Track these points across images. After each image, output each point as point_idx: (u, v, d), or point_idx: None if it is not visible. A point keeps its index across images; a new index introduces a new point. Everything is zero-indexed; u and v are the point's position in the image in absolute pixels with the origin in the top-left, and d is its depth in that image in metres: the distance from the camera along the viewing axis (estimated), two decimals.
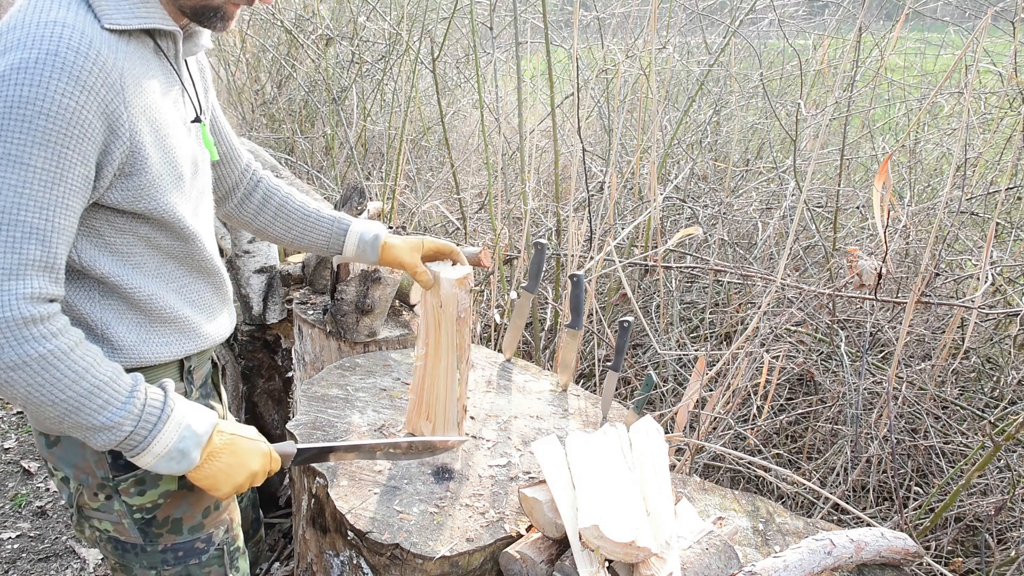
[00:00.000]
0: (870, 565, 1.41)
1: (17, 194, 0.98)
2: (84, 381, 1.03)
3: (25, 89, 0.96)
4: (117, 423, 1.06)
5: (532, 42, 4.16)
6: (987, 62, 3.13)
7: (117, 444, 1.08)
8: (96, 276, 1.14)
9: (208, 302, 1.31)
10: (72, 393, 1.02)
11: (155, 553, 1.29)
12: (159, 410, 1.10)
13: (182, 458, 1.12)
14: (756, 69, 3.63)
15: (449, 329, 1.53)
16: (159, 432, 1.09)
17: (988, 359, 2.62)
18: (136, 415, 1.07)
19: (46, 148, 0.98)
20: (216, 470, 1.16)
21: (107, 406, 1.05)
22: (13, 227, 0.98)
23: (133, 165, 1.09)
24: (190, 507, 1.29)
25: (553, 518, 1.32)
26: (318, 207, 1.53)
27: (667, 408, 2.50)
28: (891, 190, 2.71)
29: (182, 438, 1.12)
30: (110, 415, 1.05)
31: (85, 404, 1.03)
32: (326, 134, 4.22)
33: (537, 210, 3.69)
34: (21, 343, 0.99)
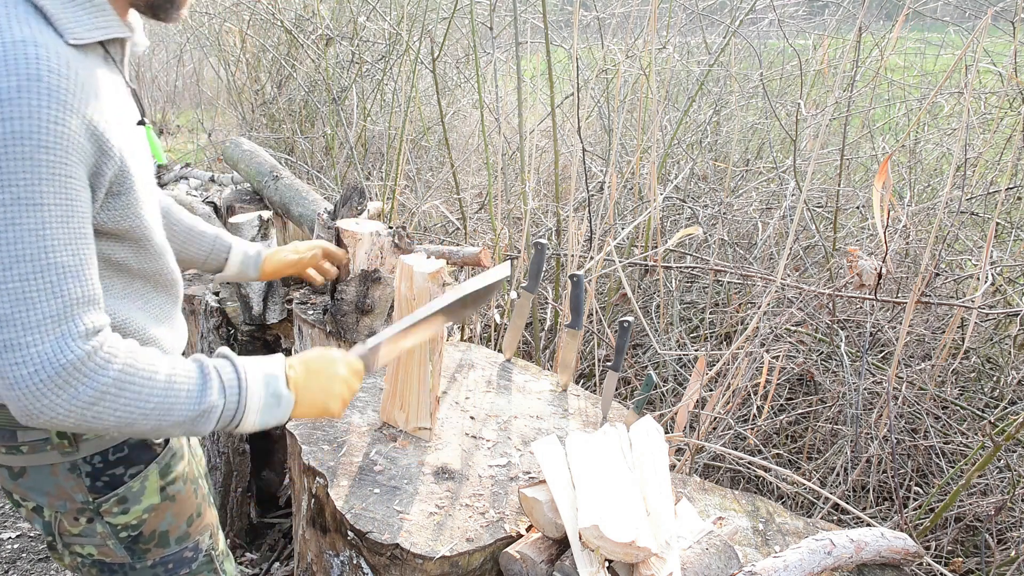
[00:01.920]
0: (870, 565, 1.41)
1: (39, 237, 0.93)
2: (158, 383, 1.01)
3: (16, 123, 0.90)
4: (211, 404, 1.05)
5: (532, 42, 4.16)
6: (987, 62, 3.13)
7: (219, 422, 1.07)
8: None
9: (170, 313, 1.29)
10: (155, 400, 1.01)
11: (144, 569, 1.27)
12: (235, 375, 1.08)
13: (278, 403, 1.12)
14: (756, 69, 3.63)
15: None
16: (248, 393, 1.08)
17: (988, 359, 2.62)
18: (220, 389, 1.06)
19: (53, 183, 0.93)
20: (313, 395, 1.16)
21: (192, 394, 1.03)
22: (47, 272, 0.94)
23: (122, 184, 1.06)
24: (174, 518, 1.27)
25: (553, 518, 1.32)
26: (197, 222, 1.52)
27: (667, 408, 2.50)
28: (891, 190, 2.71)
29: (267, 385, 1.11)
30: (199, 401, 1.04)
31: (171, 402, 1.02)
32: (326, 134, 4.22)
33: (537, 210, 3.69)
34: (92, 377, 0.95)
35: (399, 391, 1.64)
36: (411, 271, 1.53)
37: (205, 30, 5.24)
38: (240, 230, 2.40)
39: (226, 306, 2.61)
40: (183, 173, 4.13)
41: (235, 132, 5.47)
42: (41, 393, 0.93)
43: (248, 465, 2.62)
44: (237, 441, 2.60)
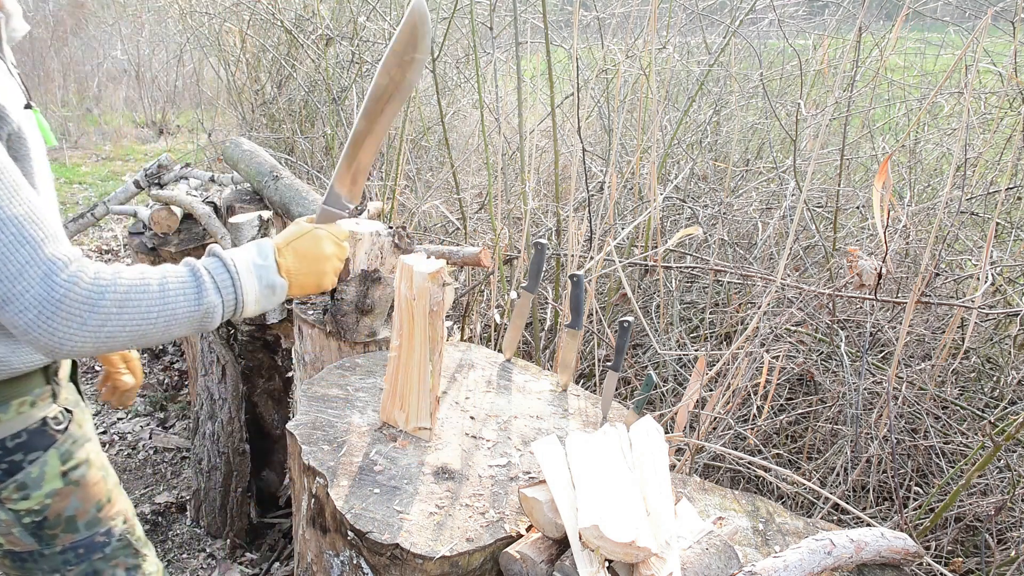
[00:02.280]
0: (870, 565, 1.41)
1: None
2: (153, 294, 1.06)
3: None
4: (210, 304, 1.11)
5: (532, 42, 4.16)
6: (987, 62, 3.13)
7: (223, 316, 1.14)
8: None
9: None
10: (157, 310, 1.06)
11: (54, 555, 1.27)
12: (226, 272, 1.14)
13: (273, 290, 1.19)
14: (756, 69, 3.63)
15: (422, 322, 1.55)
16: (241, 287, 1.15)
17: (988, 359, 2.62)
18: (215, 289, 1.12)
19: None
20: (305, 277, 1.23)
21: (189, 299, 1.09)
22: (7, 226, 0.99)
23: (18, 149, 1.10)
24: (80, 503, 1.28)
25: (553, 518, 1.32)
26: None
27: (667, 408, 2.50)
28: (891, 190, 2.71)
29: (260, 277, 1.18)
30: (198, 303, 1.10)
31: (171, 308, 1.08)
32: (326, 134, 4.22)
33: (537, 210, 3.69)
34: (92, 304, 1.01)
35: (399, 391, 1.64)
36: (411, 271, 1.53)
37: (205, 30, 5.24)
38: (240, 230, 2.40)
39: None
40: (183, 173, 4.12)
41: (235, 132, 5.47)
42: (53, 330, 0.99)
43: (248, 465, 2.62)
44: (237, 441, 2.60)
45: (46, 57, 9.06)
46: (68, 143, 8.47)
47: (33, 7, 9.45)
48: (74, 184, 7.27)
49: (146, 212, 3.91)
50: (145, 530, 2.74)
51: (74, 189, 7.12)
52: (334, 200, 1.33)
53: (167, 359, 4.04)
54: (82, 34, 9.80)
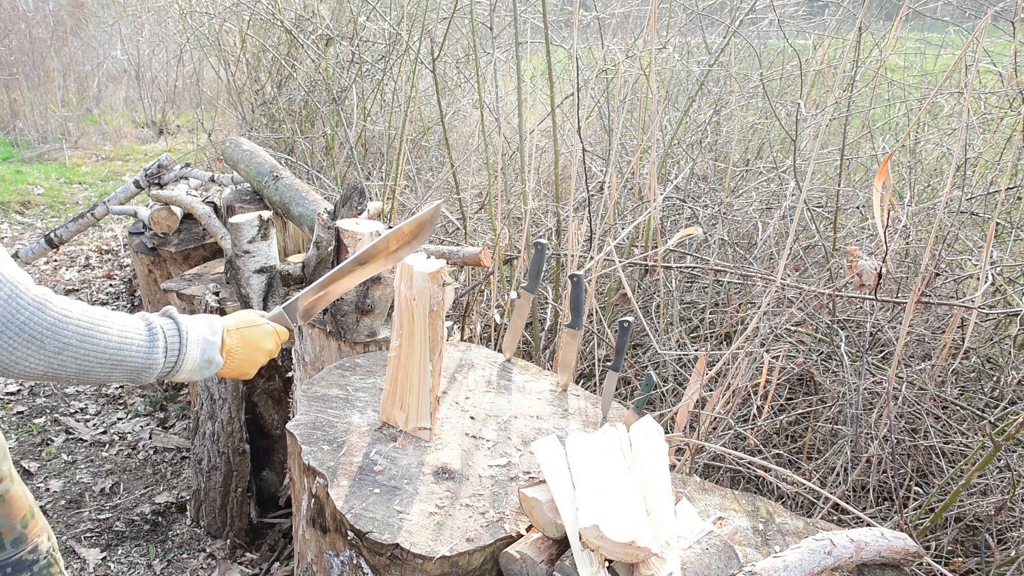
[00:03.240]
0: (870, 565, 1.41)
1: None
2: (112, 337, 1.11)
3: None
4: (152, 361, 1.17)
5: (532, 42, 4.16)
6: (987, 62, 3.13)
7: (157, 376, 1.20)
8: None
9: None
10: (110, 351, 1.11)
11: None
12: (177, 336, 1.21)
13: (209, 365, 1.26)
14: (756, 69, 3.63)
15: (422, 322, 1.56)
16: (186, 353, 1.22)
17: (988, 359, 2.61)
18: (164, 349, 1.19)
19: None
20: (239, 362, 1.32)
21: (140, 351, 1.15)
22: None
23: None
24: (6, 519, 1.26)
25: (553, 518, 1.32)
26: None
27: (667, 408, 2.50)
28: (891, 190, 2.71)
29: (204, 351, 1.25)
30: (144, 357, 1.16)
31: (123, 356, 1.13)
32: (326, 134, 4.22)
33: (537, 210, 3.69)
34: (55, 333, 1.04)
35: (399, 391, 1.64)
36: (411, 271, 1.53)
37: (205, 30, 5.24)
38: (240, 230, 2.40)
39: (226, 306, 2.61)
40: (183, 173, 4.12)
41: (235, 132, 5.47)
42: (12, 349, 1.02)
43: (248, 465, 2.62)
44: (237, 441, 2.60)
45: (46, 57, 9.06)
46: (68, 143, 8.46)
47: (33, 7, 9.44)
48: (74, 184, 7.27)
49: (146, 212, 3.91)
50: (145, 530, 2.75)
51: (74, 189, 7.12)
52: (291, 311, 1.43)
53: None
54: (82, 34, 9.79)
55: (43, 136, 8.58)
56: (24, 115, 8.67)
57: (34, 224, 6.18)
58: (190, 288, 2.93)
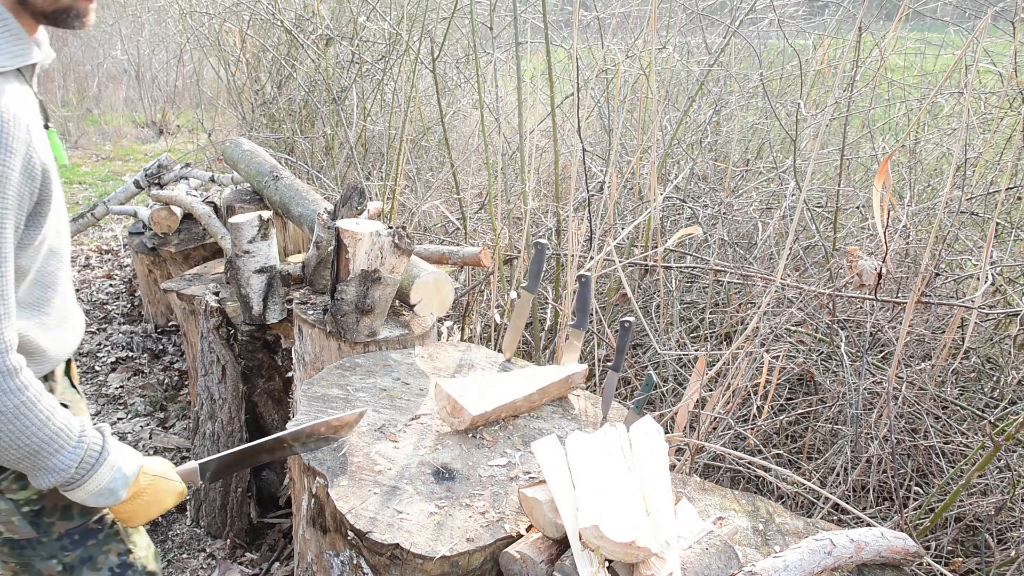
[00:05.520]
0: (870, 565, 1.41)
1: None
2: (47, 428, 1.13)
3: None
4: (66, 466, 1.17)
5: (532, 42, 4.16)
6: (987, 62, 3.13)
7: (59, 483, 1.18)
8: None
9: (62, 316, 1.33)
10: (37, 439, 1.12)
11: (51, 543, 1.34)
12: (98, 453, 1.21)
13: (110, 495, 1.25)
14: (756, 69, 3.63)
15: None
16: (95, 473, 1.21)
17: (988, 359, 2.61)
18: (80, 458, 1.18)
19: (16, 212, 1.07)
20: (136, 507, 1.29)
21: (62, 450, 1.16)
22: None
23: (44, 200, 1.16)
24: None
25: (553, 518, 1.32)
26: None
27: (667, 408, 2.50)
28: (891, 190, 2.71)
29: (113, 479, 1.24)
30: (63, 458, 1.16)
31: (45, 448, 1.14)
32: (326, 134, 4.22)
33: (537, 210, 3.69)
34: (4, 394, 1.08)
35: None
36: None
37: (205, 30, 5.24)
38: (240, 230, 2.40)
39: (226, 306, 2.61)
40: (183, 173, 4.12)
41: (235, 132, 5.47)
42: None
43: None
44: (237, 441, 2.60)
45: None
46: (68, 143, 8.46)
47: None
48: (74, 184, 7.27)
49: (146, 212, 3.91)
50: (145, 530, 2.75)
51: (74, 189, 7.12)
52: (204, 471, 1.41)
53: (167, 359, 4.04)
54: (82, 34, 9.79)
55: None
56: None
57: None
58: (190, 288, 2.93)
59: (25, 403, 1.10)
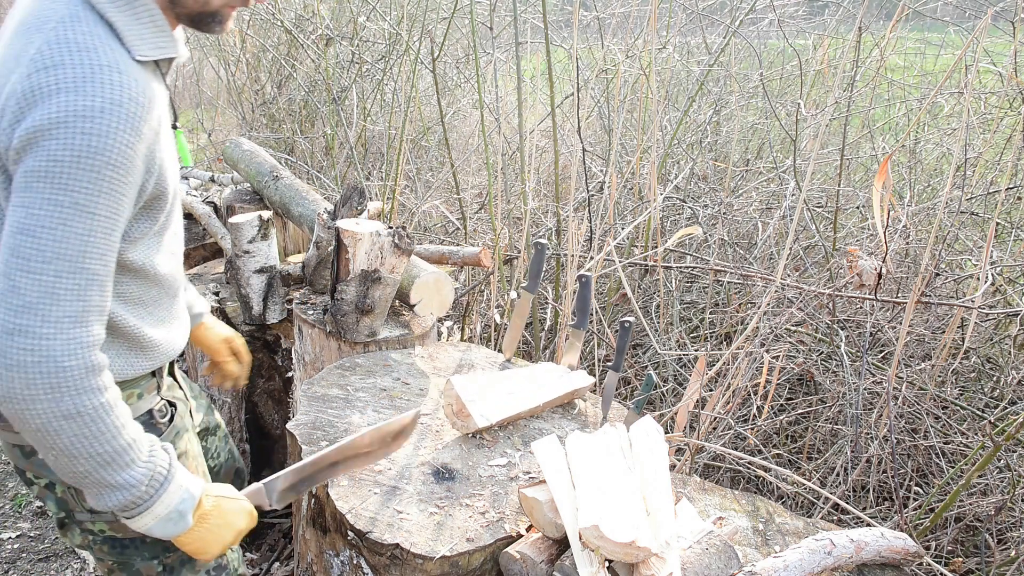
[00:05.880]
0: (870, 565, 1.41)
1: (83, 242, 1.00)
2: (120, 438, 1.05)
3: (93, 139, 0.97)
4: (136, 482, 1.08)
5: (532, 42, 4.16)
6: (987, 62, 3.13)
7: (124, 503, 1.08)
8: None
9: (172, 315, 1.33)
10: (111, 447, 1.04)
11: (155, 543, 1.30)
12: (167, 471, 1.12)
13: (180, 519, 1.14)
14: (756, 69, 3.63)
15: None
16: (164, 492, 1.11)
17: (988, 359, 2.62)
18: (150, 474, 1.09)
19: (110, 197, 1.02)
20: (205, 531, 1.18)
21: (133, 464, 1.07)
22: (79, 274, 1.00)
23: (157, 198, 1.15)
24: None
25: (553, 518, 1.32)
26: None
27: (667, 408, 2.50)
28: (891, 190, 2.71)
29: (182, 500, 1.14)
30: (133, 473, 1.07)
31: (115, 460, 1.05)
32: (326, 134, 4.22)
33: (537, 210, 3.69)
34: (81, 393, 1.01)
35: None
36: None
37: None
38: (240, 230, 2.40)
39: (226, 306, 2.61)
40: (183, 173, 4.12)
41: (235, 132, 5.47)
42: (30, 383, 0.98)
43: (248, 465, 2.62)
44: (237, 441, 2.60)
45: None
46: None
47: None
48: None
49: None
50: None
51: None
52: (270, 491, 1.31)
53: None
54: None
55: None
56: None
57: None
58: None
59: (104, 405, 1.04)
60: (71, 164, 0.97)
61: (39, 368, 0.98)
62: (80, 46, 1.01)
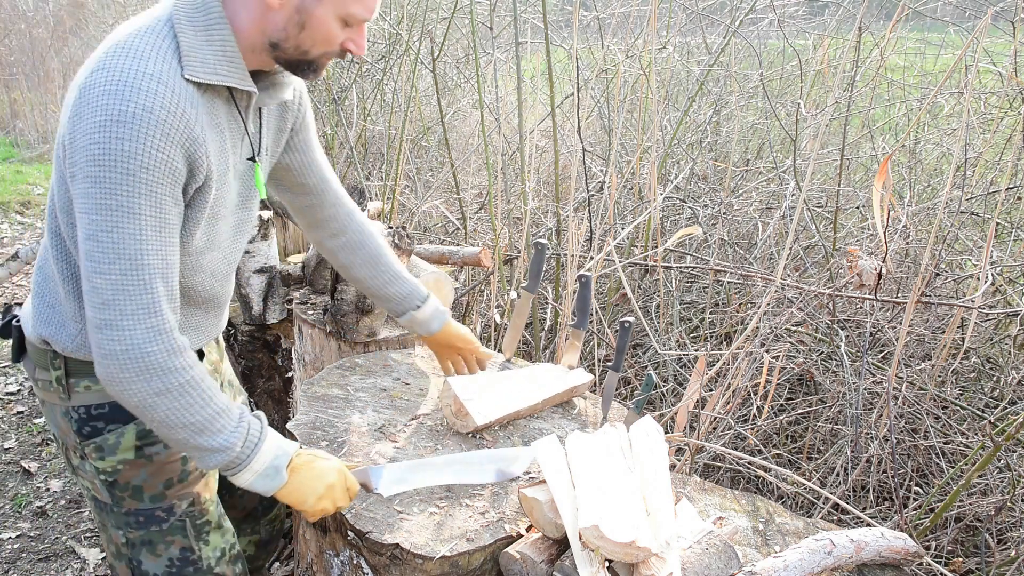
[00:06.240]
0: (870, 565, 1.41)
1: (137, 241, 1.11)
2: (210, 407, 1.20)
3: (125, 143, 1.07)
4: (230, 445, 1.22)
5: (532, 42, 4.16)
6: (987, 62, 3.13)
7: (225, 463, 1.23)
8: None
9: (187, 323, 1.40)
10: (201, 417, 1.19)
11: (120, 515, 1.41)
12: (259, 433, 1.26)
13: (275, 474, 1.28)
14: (756, 69, 3.63)
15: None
16: (259, 451, 1.25)
17: (988, 359, 2.62)
18: (244, 437, 1.23)
19: (149, 198, 1.11)
20: (298, 484, 1.30)
21: (224, 430, 1.21)
22: (141, 271, 1.12)
23: (199, 199, 1.22)
24: (149, 476, 1.39)
25: (553, 518, 1.32)
26: (402, 269, 1.70)
27: (667, 408, 2.50)
28: (891, 190, 2.71)
29: (276, 456, 1.28)
30: (225, 438, 1.21)
31: (208, 427, 1.19)
32: (326, 134, 4.22)
33: (537, 210, 3.69)
34: (167, 373, 1.15)
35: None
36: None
37: None
38: None
39: None
40: None
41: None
42: (125, 368, 1.14)
43: None
44: None
45: (46, 57, 9.06)
46: None
47: (33, 7, 9.45)
48: None
49: None
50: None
51: None
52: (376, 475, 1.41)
53: None
54: (82, 34, 9.79)
55: (43, 136, 8.58)
56: (24, 115, 8.68)
57: (34, 224, 6.18)
58: None
59: (190, 382, 1.17)
60: (110, 168, 1.07)
61: (128, 356, 1.13)
62: (137, 54, 1.10)
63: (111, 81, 1.08)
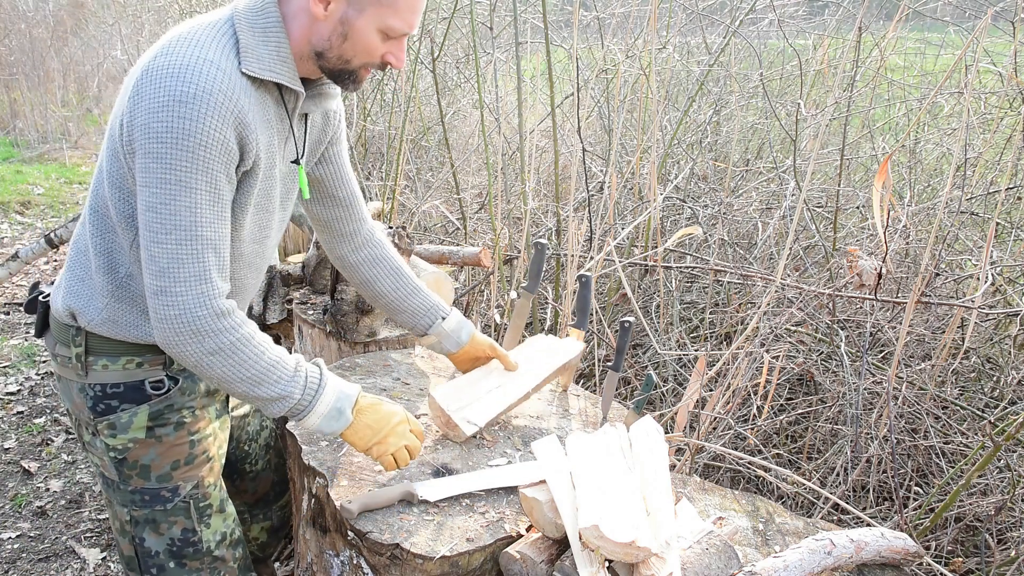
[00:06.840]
0: (870, 565, 1.41)
1: (192, 214, 1.20)
2: (263, 360, 1.28)
3: (187, 123, 1.15)
4: (289, 392, 1.31)
5: (532, 42, 4.16)
6: (987, 62, 3.13)
7: (288, 410, 1.32)
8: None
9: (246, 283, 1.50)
10: (255, 370, 1.28)
11: (127, 492, 1.45)
12: (318, 379, 1.35)
13: (339, 416, 1.36)
14: (756, 69, 3.63)
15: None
16: (321, 396, 1.34)
17: (988, 359, 2.61)
18: (302, 385, 1.32)
19: (205, 174, 1.20)
20: (364, 425, 1.39)
21: (280, 380, 1.30)
22: (195, 241, 1.21)
23: (247, 181, 1.30)
24: (158, 456, 1.44)
25: (553, 518, 1.32)
26: (422, 284, 1.73)
27: (667, 408, 2.50)
28: (891, 190, 2.71)
29: (338, 399, 1.36)
30: (283, 387, 1.30)
31: (265, 378, 1.29)
32: None
33: (537, 210, 3.69)
34: (218, 333, 1.24)
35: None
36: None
37: None
38: None
39: None
40: None
41: None
42: (178, 331, 1.23)
43: None
44: None
45: (46, 57, 9.06)
46: (68, 143, 8.47)
47: (33, 7, 9.45)
48: (74, 184, 7.27)
49: None
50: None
51: (74, 189, 7.13)
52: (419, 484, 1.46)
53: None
54: (82, 34, 9.80)
55: (43, 136, 8.59)
56: (24, 115, 8.68)
57: (34, 224, 6.18)
58: None
59: (241, 339, 1.26)
60: (170, 144, 1.15)
61: (181, 319, 1.22)
62: (198, 43, 1.19)
63: (173, 64, 1.16)
